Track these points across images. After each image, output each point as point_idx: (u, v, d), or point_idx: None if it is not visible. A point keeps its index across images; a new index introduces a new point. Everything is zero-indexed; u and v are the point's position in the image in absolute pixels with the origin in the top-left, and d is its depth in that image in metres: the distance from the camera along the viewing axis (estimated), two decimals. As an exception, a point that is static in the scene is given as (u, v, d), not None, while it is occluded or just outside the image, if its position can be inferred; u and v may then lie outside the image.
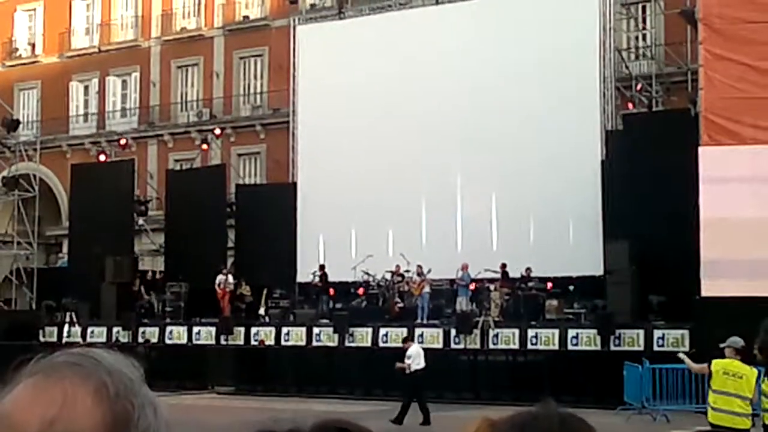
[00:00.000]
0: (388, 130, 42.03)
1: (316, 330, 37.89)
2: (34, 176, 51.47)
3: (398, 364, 28.22)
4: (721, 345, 15.20)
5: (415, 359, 28.33)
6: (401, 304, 38.40)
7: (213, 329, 39.95)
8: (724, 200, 29.96)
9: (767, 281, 28.60)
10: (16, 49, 62.16)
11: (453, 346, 35.33)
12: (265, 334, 38.80)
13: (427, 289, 37.63)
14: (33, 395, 1.62)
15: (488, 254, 37.65)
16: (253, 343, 38.89)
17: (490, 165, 40.19)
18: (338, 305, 40.17)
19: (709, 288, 29.87)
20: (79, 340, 41.24)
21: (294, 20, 46.80)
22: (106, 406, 1.62)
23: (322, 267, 40.79)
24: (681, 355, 18.36)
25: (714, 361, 14.89)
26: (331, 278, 40.61)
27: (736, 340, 15.23)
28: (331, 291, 40.54)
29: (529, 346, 34.09)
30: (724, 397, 14.63)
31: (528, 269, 36.74)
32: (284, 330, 38.65)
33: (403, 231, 40.81)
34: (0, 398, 1.65)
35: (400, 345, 35.45)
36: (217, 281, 41.19)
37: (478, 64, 40.93)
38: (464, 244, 39.35)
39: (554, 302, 35.76)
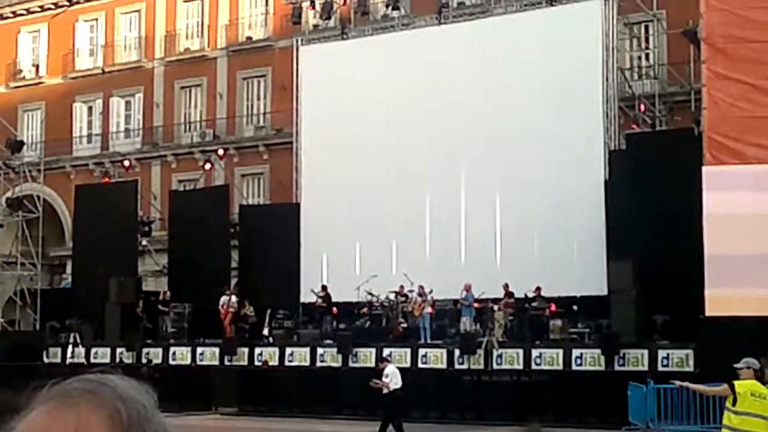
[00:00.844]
0: (391, 151, 42.05)
1: (320, 350, 37.84)
2: (38, 197, 51.54)
3: (374, 382, 28.33)
4: (736, 366, 15.07)
5: (393, 379, 28.45)
6: (405, 325, 38.34)
7: (217, 350, 39.92)
8: (728, 219, 29.93)
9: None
10: (20, 71, 62.32)
11: (457, 366, 35.26)
12: (269, 355, 38.75)
13: (428, 309, 37.56)
14: (47, 421, 1.64)
15: (492, 274, 37.60)
16: (257, 363, 38.84)
17: (493, 184, 40.22)
18: (342, 325, 40.13)
19: (713, 307, 29.81)
20: (83, 361, 41.19)
21: (297, 41, 46.85)
22: None
23: (324, 287, 40.78)
24: (678, 383, 18.00)
25: (738, 383, 14.70)
26: (334, 298, 40.59)
27: (753, 361, 15.14)
28: (335, 311, 40.52)
29: (533, 366, 34.02)
30: (750, 419, 14.54)
31: (538, 288, 36.63)
32: (288, 350, 38.60)
33: (406, 251, 40.81)
34: (15, 424, 1.67)
35: (405, 366, 35.57)
36: (220, 302, 41.20)
37: (481, 84, 40.95)
38: (468, 263, 39.30)
39: (558, 322, 35.69)
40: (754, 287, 29.16)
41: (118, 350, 41.49)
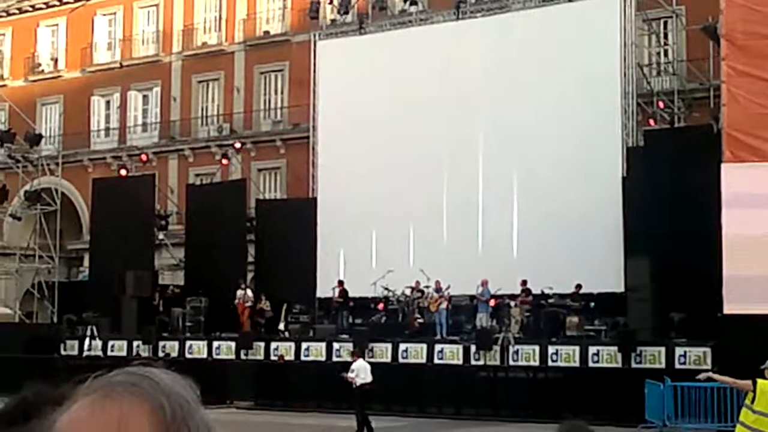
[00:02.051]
0: (408, 146, 42.03)
1: (335, 345, 37.85)
2: (56, 190, 51.72)
3: (342, 375, 28.60)
4: (762, 367, 14.93)
5: (360, 373, 28.58)
6: (421, 320, 38.34)
7: (233, 344, 39.95)
8: (747, 217, 29.80)
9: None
10: (39, 64, 62.45)
11: (473, 362, 35.23)
12: (284, 350, 38.77)
13: (444, 305, 37.56)
14: (90, 415, 1.62)
15: (509, 270, 37.56)
16: (272, 358, 38.86)
17: (511, 180, 40.20)
18: (358, 320, 40.16)
19: (731, 305, 29.68)
20: (100, 353, 41.35)
21: (315, 35, 46.88)
22: (163, 428, 1.62)
23: (341, 282, 40.79)
24: (704, 375, 17.61)
25: (761, 381, 14.59)
26: (351, 293, 40.61)
27: None
28: (350, 305, 40.56)
29: (550, 363, 33.95)
30: (765, 419, 14.44)
31: (578, 285, 36.43)
32: (304, 345, 38.60)
33: (423, 246, 40.80)
34: (58, 416, 1.66)
35: (420, 361, 35.63)
36: (237, 296, 41.23)
37: (498, 79, 40.91)
38: (484, 259, 39.25)
39: (575, 319, 35.62)
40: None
41: (135, 343, 41.56)
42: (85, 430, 1.61)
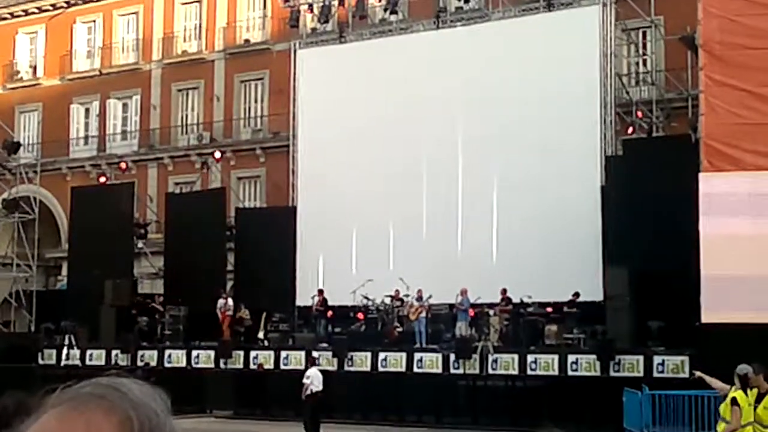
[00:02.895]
0: (388, 154, 42.04)
1: (315, 354, 37.77)
2: (34, 199, 51.48)
3: (304, 381, 28.88)
4: (742, 373, 15.06)
5: (314, 381, 28.65)
6: (400, 329, 38.32)
7: (212, 353, 39.85)
8: (725, 226, 29.92)
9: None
10: (18, 72, 62.27)
11: (452, 371, 35.21)
12: (264, 358, 38.69)
13: (423, 314, 37.54)
14: (57, 427, 1.62)
15: (488, 279, 37.53)
16: (252, 367, 38.78)
17: (490, 189, 40.23)
18: (337, 329, 40.10)
19: (709, 314, 29.77)
20: (78, 363, 41.18)
21: (295, 44, 46.83)
22: None
23: (320, 291, 40.70)
24: (698, 375, 17.75)
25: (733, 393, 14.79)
26: (331, 302, 40.54)
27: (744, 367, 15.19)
28: (330, 314, 40.48)
29: (529, 372, 33.96)
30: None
31: (576, 294, 36.38)
32: (283, 354, 38.53)
33: (403, 255, 40.77)
34: (25, 427, 1.66)
35: (400, 370, 35.61)
36: (218, 305, 41.09)
37: (478, 88, 40.95)
38: (464, 268, 39.23)
39: (553, 327, 35.66)
40: (749, 292, 29.16)
41: (113, 352, 41.41)
42: None
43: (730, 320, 28.84)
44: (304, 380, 28.79)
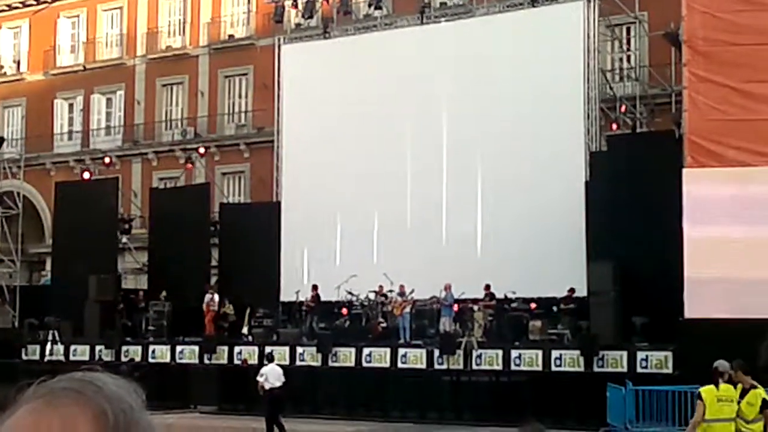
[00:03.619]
0: (373, 150, 42.06)
1: (299, 349, 37.79)
2: (18, 194, 51.35)
3: (258, 379, 28.93)
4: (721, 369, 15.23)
5: (269, 378, 28.66)
6: (384, 324, 38.33)
7: (196, 348, 39.82)
8: (708, 221, 30.01)
9: (750, 303, 28.64)
10: (1, 67, 62.16)
11: (436, 366, 35.23)
12: (248, 354, 38.67)
13: (407, 309, 37.56)
14: (32, 422, 1.62)
15: (472, 274, 37.52)
16: (236, 362, 38.76)
17: (474, 185, 40.26)
18: (322, 325, 40.08)
19: (692, 309, 29.87)
20: (62, 358, 41.10)
21: (279, 39, 46.78)
22: None
23: (314, 287, 40.44)
24: None
25: (703, 390, 14.93)
26: (308, 299, 40.57)
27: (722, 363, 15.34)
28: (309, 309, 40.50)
29: (513, 367, 33.99)
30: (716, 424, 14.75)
31: (572, 289, 36.33)
32: (267, 349, 38.46)
33: (387, 251, 40.76)
34: (0, 423, 1.66)
35: (384, 365, 35.65)
36: (204, 300, 41.00)
37: (462, 83, 40.98)
38: (448, 263, 39.20)
39: (537, 323, 35.70)
40: (732, 288, 29.26)
41: (98, 348, 41.35)
42: None
43: (712, 316, 28.92)
44: (258, 377, 28.78)
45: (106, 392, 1.66)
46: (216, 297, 41.28)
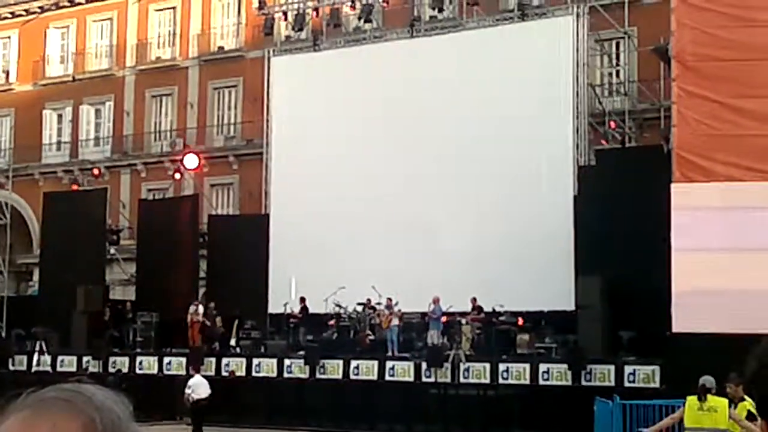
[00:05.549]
0: (361, 163, 42.10)
1: (287, 362, 37.77)
2: (6, 204, 51.37)
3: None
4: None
5: (196, 389, 28.71)
6: (372, 337, 38.35)
7: (183, 360, 39.74)
8: (696, 237, 30.06)
9: (738, 317, 28.67)
10: (-10, 77, 62.04)
11: (424, 379, 35.25)
12: (236, 365, 38.65)
13: (395, 322, 37.58)
14: (22, 431, 1.64)
15: (460, 288, 37.52)
16: (223, 374, 38.72)
17: (463, 199, 40.29)
18: (309, 337, 40.07)
19: (679, 324, 29.91)
20: (49, 369, 41.02)
21: (269, 52, 46.84)
22: None
23: (302, 299, 40.43)
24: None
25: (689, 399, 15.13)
26: (295, 312, 40.58)
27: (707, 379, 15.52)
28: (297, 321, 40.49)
29: (500, 380, 34.03)
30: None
31: (473, 299, 36.46)
32: (255, 361, 38.51)
33: (376, 263, 40.70)
34: None
35: (371, 378, 35.64)
36: (189, 311, 40.92)
37: (452, 97, 41.04)
38: (436, 277, 39.20)
39: (525, 336, 35.74)
40: (719, 303, 29.29)
41: (85, 359, 41.28)
42: None
43: (699, 330, 28.96)
44: (186, 390, 28.80)
45: (95, 402, 1.68)
46: (201, 308, 41.24)
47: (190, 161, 47.12)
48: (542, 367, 33.74)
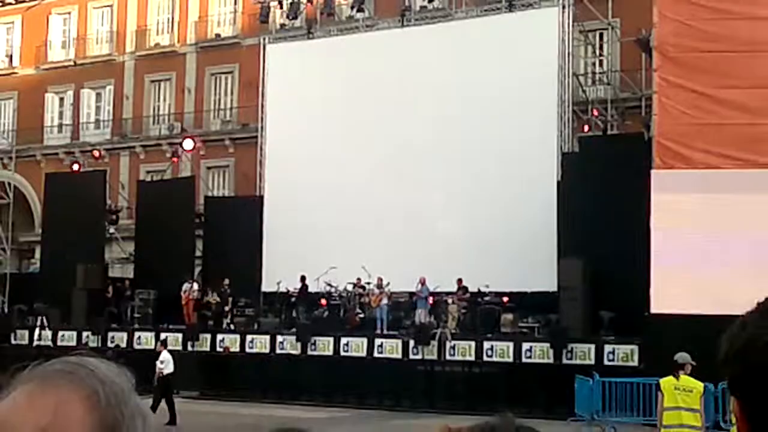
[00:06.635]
0: (352, 148, 42.09)
1: (279, 338, 37.82)
2: (9, 184, 51.25)
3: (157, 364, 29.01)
4: (681, 361, 15.42)
5: (167, 365, 28.78)
6: (361, 315, 38.43)
7: (180, 335, 39.76)
8: (674, 221, 30.14)
9: (714, 299, 28.73)
10: (-6, 61, 61.87)
11: (411, 356, 35.33)
12: (230, 342, 38.68)
13: (385, 301, 37.65)
14: (27, 402, 1.63)
15: (447, 268, 37.53)
16: (218, 349, 38.76)
17: (451, 184, 40.29)
18: (303, 314, 40.10)
19: (658, 305, 30.01)
20: (50, 343, 41.02)
21: (264, 39, 46.74)
22: (97, 414, 1.64)
23: (303, 278, 40.23)
24: None
25: (662, 381, 15.14)
26: (294, 289, 40.52)
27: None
28: (292, 300, 40.46)
29: (485, 358, 34.09)
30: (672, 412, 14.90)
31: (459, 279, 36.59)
32: (249, 338, 38.55)
33: (366, 244, 40.72)
34: None
35: (361, 355, 35.73)
36: (183, 289, 40.94)
37: (441, 85, 41.01)
38: (424, 258, 39.22)
39: (509, 316, 35.83)
40: (696, 284, 29.37)
41: (84, 334, 41.28)
42: (21, 416, 1.62)
43: (676, 311, 29.05)
44: (158, 364, 28.80)
45: (98, 375, 1.68)
46: (195, 286, 41.27)
47: (188, 144, 47.19)
48: (525, 345, 33.81)
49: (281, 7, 46.78)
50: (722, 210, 29.89)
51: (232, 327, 40.25)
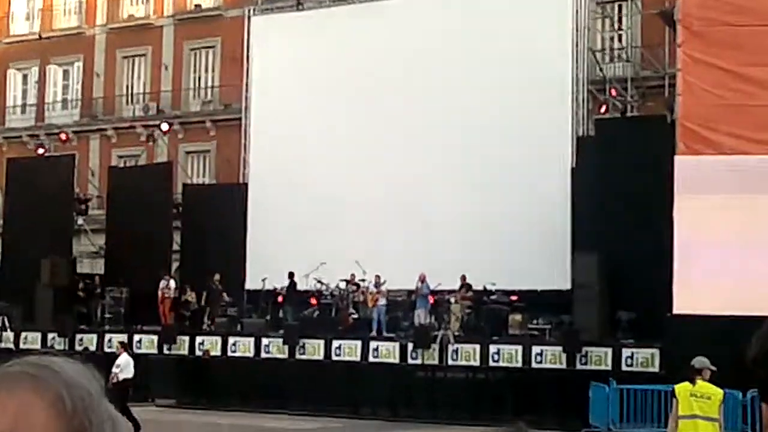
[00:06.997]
0: (347, 130, 42.04)
1: (264, 341, 37.79)
2: (-33, 170, 51.11)
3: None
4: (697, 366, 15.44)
5: (124, 369, 28.76)
6: (355, 315, 38.38)
7: (155, 338, 39.73)
8: (700, 212, 30.06)
9: (742, 298, 28.73)
10: (-50, 34, 61.77)
11: (410, 361, 35.29)
12: (210, 345, 38.65)
13: (382, 301, 37.58)
14: None
15: (449, 264, 37.52)
16: (197, 353, 38.72)
17: (452, 168, 40.23)
18: (290, 315, 40.07)
19: (681, 305, 29.93)
20: (12, 346, 40.96)
21: (249, 11, 46.70)
22: (62, 421, 1.62)
23: (291, 274, 40.18)
24: None
25: (677, 387, 15.22)
26: (282, 286, 40.48)
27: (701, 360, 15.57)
28: (281, 299, 40.39)
29: (491, 363, 34.08)
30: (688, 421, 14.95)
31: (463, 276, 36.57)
32: (231, 340, 38.50)
33: (360, 238, 40.68)
34: None
35: (354, 359, 35.69)
36: (160, 286, 40.90)
37: (443, 61, 40.94)
38: (425, 252, 39.21)
39: (518, 317, 35.80)
40: (723, 283, 29.34)
41: (50, 335, 41.24)
42: None
43: (702, 312, 28.99)
44: (114, 369, 28.81)
45: (64, 377, 1.66)
46: (172, 283, 41.21)
47: (165, 126, 47.19)
48: (535, 349, 33.80)
49: (267, -24, 46.77)
50: (753, 201, 29.83)
51: (212, 328, 40.20)
